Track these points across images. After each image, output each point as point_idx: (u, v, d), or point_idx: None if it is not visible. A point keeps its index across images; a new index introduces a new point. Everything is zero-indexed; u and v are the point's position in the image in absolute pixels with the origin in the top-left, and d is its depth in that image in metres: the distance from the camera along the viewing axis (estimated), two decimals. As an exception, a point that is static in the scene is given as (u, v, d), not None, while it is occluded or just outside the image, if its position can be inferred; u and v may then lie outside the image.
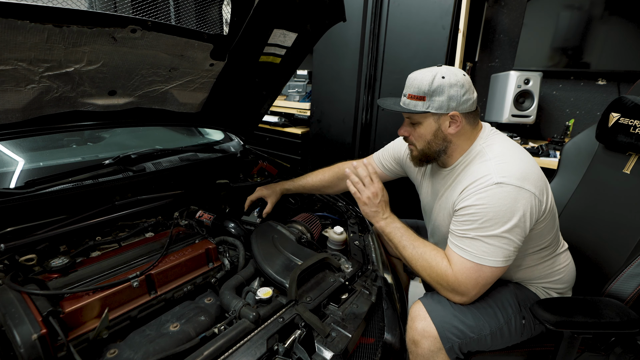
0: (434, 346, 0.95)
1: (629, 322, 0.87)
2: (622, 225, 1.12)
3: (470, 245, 0.91)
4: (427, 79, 0.94)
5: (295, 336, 0.75)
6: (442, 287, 0.96)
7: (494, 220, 0.88)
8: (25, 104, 0.94)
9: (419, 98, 0.96)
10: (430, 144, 1.01)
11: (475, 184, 0.92)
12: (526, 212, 0.88)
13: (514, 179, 0.88)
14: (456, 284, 0.93)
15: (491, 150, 0.97)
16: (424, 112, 0.96)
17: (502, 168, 0.91)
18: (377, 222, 1.07)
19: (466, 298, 0.95)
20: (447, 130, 0.98)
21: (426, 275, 0.98)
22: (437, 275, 0.96)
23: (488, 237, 0.88)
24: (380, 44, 2.12)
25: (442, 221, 1.09)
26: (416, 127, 1.01)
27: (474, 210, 0.90)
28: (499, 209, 0.87)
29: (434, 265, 0.96)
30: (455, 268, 0.93)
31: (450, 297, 0.97)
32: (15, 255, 0.90)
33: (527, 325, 1.01)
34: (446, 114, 0.96)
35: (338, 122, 2.43)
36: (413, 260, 1.00)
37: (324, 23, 1.29)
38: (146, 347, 0.74)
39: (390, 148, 1.36)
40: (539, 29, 2.07)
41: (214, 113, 1.47)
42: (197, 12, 1.08)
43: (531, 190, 0.88)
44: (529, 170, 0.91)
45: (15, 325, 0.65)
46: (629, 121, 1.13)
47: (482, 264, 0.89)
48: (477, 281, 0.92)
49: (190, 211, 1.27)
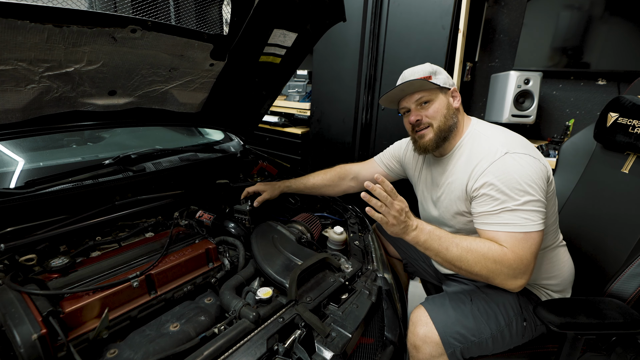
0: (435, 351, 0.95)
1: (632, 322, 0.87)
2: (621, 224, 1.12)
3: (511, 218, 0.89)
4: (426, 65, 1.08)
5: (295, 336, 0.75)
6: (502, 273, 0.88)
7: (520, 187, 0.89)
8: (25, 104, 0.94)
9: (427, 78, 1.04)
10: (446, 117, 1.05)
11: (485, 160, 0.95)
12: (541, 175, 0.92)
13: (518, 147, 0.95)
14: (517, 262, 0.87)
15: (484, 131, 1.05)
16: (437, 86, 1.04)
17: (503, 141, 0.97)
18: (408, 236, 0.95)
19: (527, 276, 0.89)
20: (454, 104, 1.07)
21: (482, 268, 0.88)
22: (495, 261, 0.87)
23: (522, 204, 0.89)
24: (380, 44, 2.12)
25: (448, 207, 1.08)
26: (428, 105, 1.06)
27: (498, 184, 0.91)
28: (520, 175, 0.90)
29: (487, 252, 0.88)
30: (509, 245, 0.88)
31: (511, 284, 0.89)
32: (15, 255, 0.90)
33: (528, 326, 1.00)
34: (449, 89, 1.07)
35: (338, 122, 2.43)
36: (462, 258, 0.90)
37: (324, 23, 1.29)
38: (146, 347, 0.74)
39: (391, 149, 1.40)
40: (539, 29, 2.07)
41: (214, 113, 1.47)
42: (197, 12, 1.08)
43: (535, 156, 0.94)
44: (525, 142, 0.99)
45: (15, 325, 0.65)
46: (628, 121, 1.13)
47: (530, 231, 0.88)
48: (532, 250, 0.88)
49: (190, 211, 1.27)
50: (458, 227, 1.08)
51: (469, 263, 0.89)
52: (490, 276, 0.89)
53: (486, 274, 0.89)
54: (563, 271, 1.08)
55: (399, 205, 0.92)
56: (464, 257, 0.90)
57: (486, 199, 0.93)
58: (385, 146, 1.43)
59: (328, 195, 1.48)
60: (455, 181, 1.04)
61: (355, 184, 1.42)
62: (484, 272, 0.89)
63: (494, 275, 0.89)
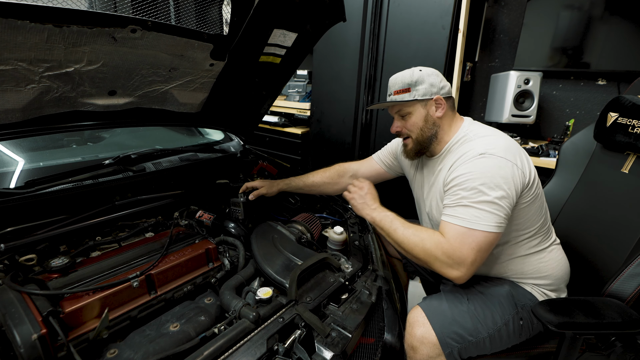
0: (432, 352, 0.95)
1: (631, 322, 0.87)
2: (621, 224, 1.12)
3: (462, 213, 0.92)
4: (407, 74, 1.07)
5: (295, 336, 0.75)
6: (437, 260, 0.93)
7: (481, 186, 0.91)
8: (25, 104, 0.94)
9: (404, 91, 1.06)
10: (423, 130, 1.08)
11: (461, 159, 0.99)
12: (511, 180, 0.92)
13: (496, 150, 0.95)
14: (451, 251, 0.91)
15: (475, 133, 1.05)
16: (412, 101, 1.05)
17: (485, 143, 0.99)
18: (367, 214, 1.10)
19: (464, 268, 0.91)
20: (435, 114, 1.07)
21: (420, 251, 0.95)
22: (431, 247, 0.93)
23: (478, 203, 0.91)
24: (380, 44, 2.12)
25: (435, 206, 1.11)
26: (407, 118, 1.09)
27: (461, 180, 0.95)
28: (485, 176, 0.92)
29: (426, 238, 0.95)
30: (448, 235, 0.93)
31: (448, 272, 0.93)
32: (15, 255, 0.90)
33: (525, 325, 1.01)
34: (431, 99, 1.06)
35: (338, 122, 2.43)
36: (405, 239, 0.98)
37: (324, 23, 1.29)
38: (146, 347, 0.74)
39: (388, 146, 1.42)
40: (539, 29, 2.07)
41: (214, 113, 1.47)
42: (197, 12, 1.08)
43: (512, 161, 0.94)
44: (511, 146, 0.99)
45: (15, 325, 0.65)
46: (628, 121, 1.13)
47: (475, 229, 0.90)
48: (472, 246, 0.90)
49: (190, 211, 1.27)
50: None
51: (410, 246, 0.98)
52: (428, 261, 0.95)
53: (424, 257, 0.96)
54: (555, 271, 1.08)
55: (361, 183, 1.16)
56: (408, 239, 0.98)
57: (449, 192, 0.98)
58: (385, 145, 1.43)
59: (327, 194, 1.49)
60: (439, 179, 1.07)
61: None
62: (422, 255, 0.96)
63: (431, 260, 0.95)
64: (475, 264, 0.93)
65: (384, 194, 1.16)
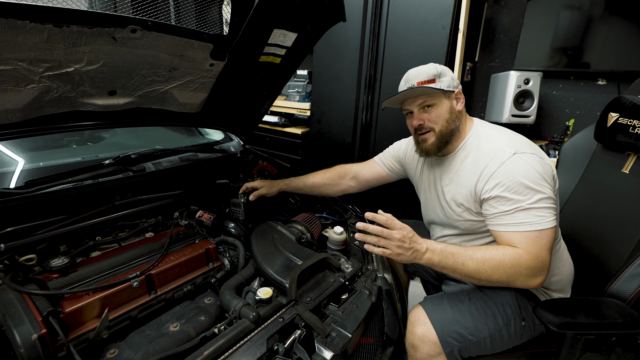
0: (433, 351, 0.95)
1: (632, 323, 0.87)
2: (621, 225, 1.12)
3: (525, 217, 0.90)
4: (430, 66, 1.05)
5: (295, 336, 0.75)
6: (521, 275, 0.89)
7: (531, 185, 0.90)
8: (25, 104, 0.94)
9: (430, 81, 1.03)
10: (449, 122, 1.05)
11: (493, 162, 0.96)
12: (550, 173, 0.95)
13: (524, 147, 0.96)
14: (533, 261, 0.88)
15: (489, 132, 1.05)
16: (439, 91, 1.03)
17: (509, 142, 0.98)
18: (421, 261, 0.93)
19: (545, 272, 0.91)
20: (457, 107, 1.06)
21: (501, 275, 0.89)
22: (512, 265, 0.88)
23: (535, 203, 0.90)
24: (380, 44, 2.11)
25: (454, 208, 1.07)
26: (431, 109, 1.05)
27: (510, 185, 0.92)
28: (530, 175, 0.91)
29: (503, 258, 0.89)
30: (523, 246, 0.90)
31: (532, 283, 0.91)
32: (15, 255, 0.90)
33: (526, 326, 1.00)
34: (453, 92, 1.05)
35: (338, 122, 2.43)
36: (479, 270, 0.90)
37: (324, 23, 1.29)
38: (146, 347, 0.74)
39: (390, 149, 1.40)
40: (539, 29, 2.06)
41: (214, 113, 1.47)
42: (197, 12, 1.08)
43: (541, 156, 0.96)
44: (530, 142, 1.01)
45: (15, 325, 0.65)
46: (628, 121, 1.13)
47: (543, 228, 0.90)
48: (547, 247, 0.90)
49: (190, 211, 1.27)
50: (463, 227, 1.07)
51: (487, 273, 0.90)
52: (511, 280, 0.90)
53: (506, 279, 0.90)
54: (562, 270, 1.08)
55: (400, 234, 0.89)
56: (481, 268, 0.90)
57: (499, 200, 0.93)
58: (385, 146, 1.43)
59: (327, 195, 1.48)
60: (462, 182, 1.03)
61: (355, 184, 1.43)
62: (504, 278, 0.90)
63: (514, 279, 0.90)
64: (550, 262, 0.92)
65: (385, 194, 1.15)
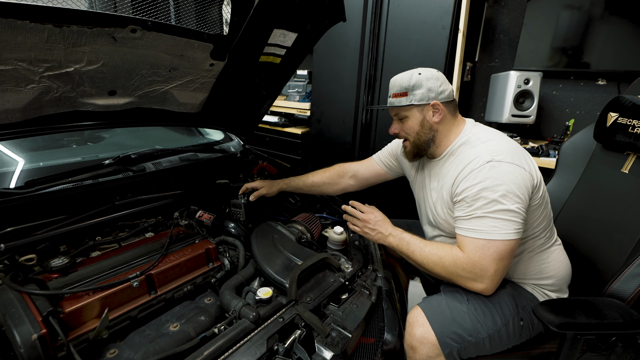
0: (432, 352, 0.95)
1: (632, 323, 0.87)
2: (621, 224, 1.12)
3: (478, 224, 0.92)
4: (406, 77, 1.06)
5: (295, 336, 0.76)
6: (459, 277, 0.95)
7: (494, 195, 0.90)
8: (25, 104, 0.94)
9: (402, 94, 1.06)
10: (419, 134, 1.08)
11: (467, 168, 0.97)
12: (522, 185, 0.92)
13: (502, 156, 0.94)
14: (471, 266, 0.92)
15: (477, 137, 1.04)
16: (408, 105, 1.05)
17: (490, 149, 0.97)
18: (385, 243, 1.08)
19: (488, 280, 0.93)
20: (432, 119, 1.06)
21: (441, 270, 0.97)
22: (451, 264, 0.95)
23: (493, 212, 0.90)
24: (380, 44, 2.12)
25: (438, 211, 1.10)
26: (404, 121, 1.09)
27: (473, 191, 0.93)
28: (496, 184, 0.90)
29: (445, 255, 0.96)
30: (467, 250, 0.93)
31: (473, 286, 0.95)
32: (15, 255, 0.90)
33: (525, 326, 1.00)
34: (428, 104, 1.05)
35: (338, 122, 2.43)
36: (425, 259, 0.99)
37: (324, 23, 1.29)
38: (146, 347, 0.74)
39: (389, 147, 1.41)
40: (539, 29, 2.06)
41: (214, 113, 1.47)
42: (197, 12, 1.08)
43: (520, 165, 0.94)
44: (515, 149, 0.98)
45: (15, 325, 0.65)
46: (628, 121, 1.13)
47: (494, 239, 0.90)
48: (493, 257, 0.91)
49: (190, 211, 1.27)
50: (448, 230, 1.09)
51: (430, 265, 0.99)
52: (451, 278, 0.97)
53: (446, 275, 0.97)
54: (558, 271, 1.08)
55: (367, 217, 1.10)
56: (428, 259, 0.99)
57: (462, 204, 0.97)
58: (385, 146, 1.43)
59: (327, 194, 1.49)
60: (444, 186, 1.06)
61: (355, 182, 1.43)
62: (445, 273, 0.97)
63: (453, 277, 0.96)
64: (499, 273, 0.94)
65: (384, 194, 1.16)
